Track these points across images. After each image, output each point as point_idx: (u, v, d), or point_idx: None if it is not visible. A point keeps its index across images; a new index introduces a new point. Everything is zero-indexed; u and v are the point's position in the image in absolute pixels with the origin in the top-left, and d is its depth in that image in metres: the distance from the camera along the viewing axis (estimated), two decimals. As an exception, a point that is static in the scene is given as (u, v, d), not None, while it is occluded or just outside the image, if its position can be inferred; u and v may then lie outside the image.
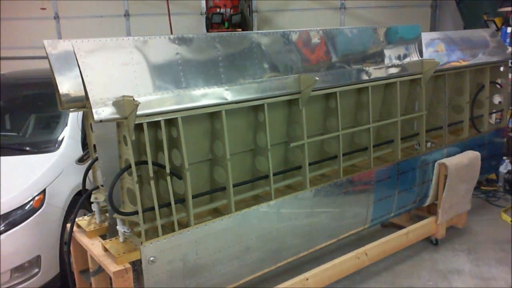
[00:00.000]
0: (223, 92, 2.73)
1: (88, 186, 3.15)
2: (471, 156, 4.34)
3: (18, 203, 3.25)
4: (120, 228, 2.65)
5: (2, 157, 3.69)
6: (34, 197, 3.33)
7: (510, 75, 5.14)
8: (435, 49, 4.17)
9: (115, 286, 2.52)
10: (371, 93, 3.54)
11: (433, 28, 9.61)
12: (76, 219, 3.01)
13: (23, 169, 3.61)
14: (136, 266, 2.65)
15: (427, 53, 4.04)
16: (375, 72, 3.55)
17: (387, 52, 3.67)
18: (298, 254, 3.40)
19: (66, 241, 3.17)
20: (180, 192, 2.74)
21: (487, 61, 4.64)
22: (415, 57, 3.87)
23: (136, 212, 2.51)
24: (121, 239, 2.69)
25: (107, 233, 2.94)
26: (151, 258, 2.58)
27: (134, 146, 2.46)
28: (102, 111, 2.30)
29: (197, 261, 2.80)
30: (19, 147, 3.95)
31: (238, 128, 3.01)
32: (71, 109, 2.48)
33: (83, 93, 2.35)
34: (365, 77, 3.49)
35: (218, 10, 9.29)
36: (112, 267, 2.52)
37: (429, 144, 4.20)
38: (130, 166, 2.45)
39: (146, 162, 2.50)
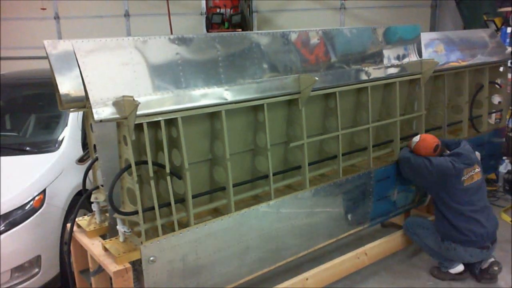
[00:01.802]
0: (223, 92, 2.74)
1: (88, 186, 3.15)
2: (471, 156, 4.34)
3: (18, 203, 3.25)
4: (120, 228, 2.66)
5: (2, 157, 3.69)
6: (34, 197, 3.33)
7: (509, 75, 5.14)
8: (435, 49, 4.18)
9: (115, 286, 2.52)
10: (370, 93, 3.55)
11: (433, 28, 9.61)
12: (76, 219, 3.02)
13: (23, 169, 3.61)
14: (136, 266, 2.66)
15: (427, 53, 4.04)
16: (374, 72, 3.56)
17: (386, 52, 3.67)
18: (297, 254, 3.40)
19: (66, 241, 3.17)
20: (180, 192, 2.74)
21: (486, 61, 4.64)
22: (414, 57, 3.87)
23: (136, 212, 2.51)
24: (121, 239, 2.69)
25: (107, 233, 2.95)
26: (151, 258, 2.59)
27: (134, 146, 2.47)
28: (102, 111, 2.31)
29: (197, 261, 2.81)
30: (19, 147, 3.95)
31: (238, 128, 3.02)
32: (71, 109, 2.49)
33: (83, 93, 2.35)
34: (364, 77, 3.49)
35: (218, 10, 9.30)
36: (112, 267, 2.53)
37: None
38: (130, 166, 2.46)
39: (146, 162, 2.51)
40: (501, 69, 4.97)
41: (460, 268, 3.80)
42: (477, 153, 3.96)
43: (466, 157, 3.70)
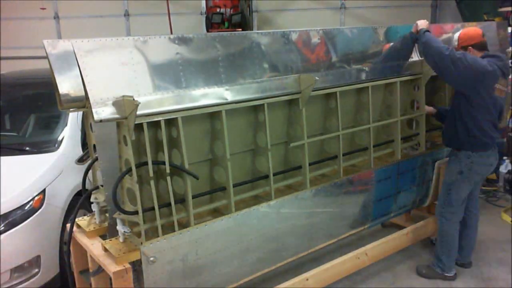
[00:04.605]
0: (223, 92, 2.73)
1: (88, 186, 3.15)
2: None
3: (18, 203, 3.25)
4: (120, 228, 2.65)
5: (2, 157, 3.69)
6: (34, 197, 3.33)
7: (510, 75, 5.13)
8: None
9: (115, 286, 2.51)
10: (371, 93, 3.54)
11: (433, 28, 9.60)
12: (76, 219, 3.01)
13: (23, 169, 3.61)
14: (136, 266, 2.65)
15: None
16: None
17: (387, 52, 3.66)
18: (298, 254, 3.40)
19: (66, 241, 3.16)
20: (180, 192, 2.74)
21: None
22: (415, 57, 3.87)
23: (137, 212, 2.51)
24: (121, 239, 2.69)
25: (107, 233, 2.94)
26: (151, 258, 2.58)
27: (134, 146, 2.46)
28: (102, 111, 2.30)
29: (197, 261, 2.80)
30: (19, 147, 3.95)
31: (238, 128, 3.01)
32: (71, 109, 2.48)
33: (83, 93, 2.35)
34: (365, 77, 3.49)
35: (218, 10, 9.29)
36: (112, 267, 2.52)
37: (428, 144, 4.21)
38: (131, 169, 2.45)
39: (146, 164, 2.50)
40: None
41: (453, 272, 3.84)
42: None
43: (505, 66, 3.50)
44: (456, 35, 3.65)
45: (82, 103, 2.41)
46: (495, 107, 3.57)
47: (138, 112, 2.33)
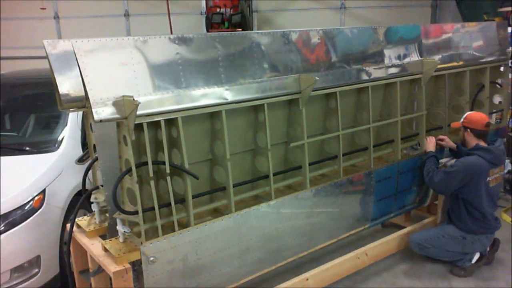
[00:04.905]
0: (223, 92, 2.73)
1: (88, 186, 3.15)
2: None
3: (18, 203, 3.24)
4: (120, 228, 2.65)
5: (2, 157, 3.69)
6: (34, 197, 3.33)
7: (510, 75, 5.13)
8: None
9: (115, 286, 2.52)
10: (371, 93, 3.54)
11: (433, 28, 9.59)
12: (76, 219, 3.01)
13: (23, 169, 3.60)
14: (136, 266, 2.65)
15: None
16: (375, 72, 3.55)
17: (387, 52, 3.66)
18: (298, 254, 3.40)
19: (66, 241, 3.17)
20: (180, 192, 2.74)
21: (487, 60, 4.63)
22: (415, 57, 3.87)
23: (137, 212, 2.51)
24: (121, 239, 2.69)
25: (107, 233, 2.94)
26: (151, 258, 2.58)
27: (134, 146, 2.46)
28: (102, 111, 2.30)
29: (197, 261, 2.80)
30: (19, 147, 3.95)
31: (238, 128, 3.01)
32: (71, 109, 2.48)
33: (83, 93, 2.35)
34: (365, 77, 3.49)
35: (218, 10, 9.29)
36: (112, 267, 2.52)
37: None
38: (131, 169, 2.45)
39: (146, 164, 2.50)
40: (502, 69, 4.96)
41: (477, 256, 3.92)
42: None
43: (495, 156, 3.74)
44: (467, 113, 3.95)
45: (82, 103, 2.41)
46: (495, 196, 3.95)
47: (138, 112, 2.33)
